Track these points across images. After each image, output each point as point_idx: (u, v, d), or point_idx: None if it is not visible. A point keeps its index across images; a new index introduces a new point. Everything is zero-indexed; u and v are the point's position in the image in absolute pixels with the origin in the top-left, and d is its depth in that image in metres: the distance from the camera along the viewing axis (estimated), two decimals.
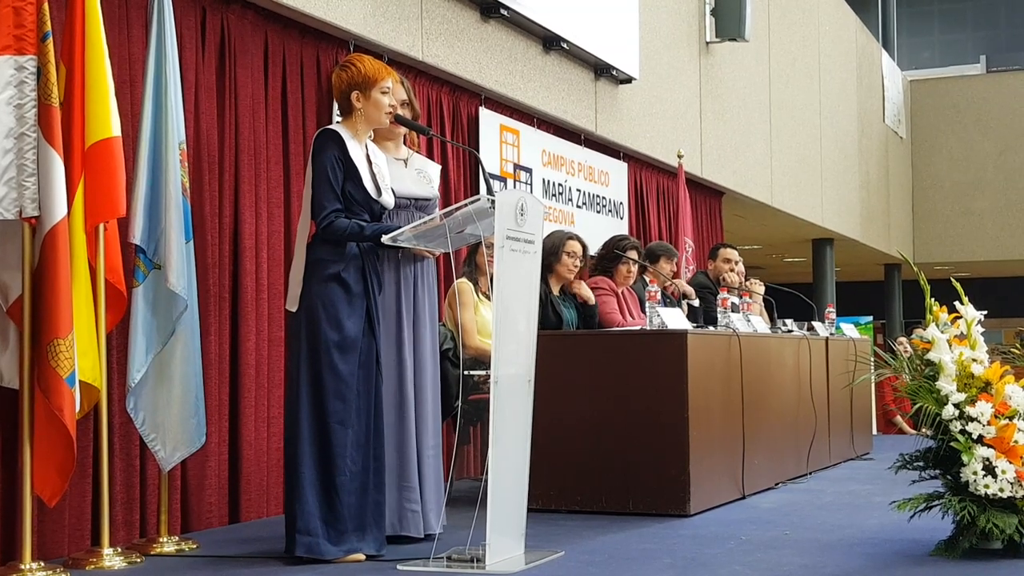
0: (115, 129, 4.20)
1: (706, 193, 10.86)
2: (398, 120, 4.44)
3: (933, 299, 4.52)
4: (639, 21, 8.75)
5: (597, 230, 8.28)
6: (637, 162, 9.34)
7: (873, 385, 9.91)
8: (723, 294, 6.06)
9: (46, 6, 3.98)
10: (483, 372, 5.72)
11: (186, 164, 4.53)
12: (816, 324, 7.57)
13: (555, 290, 6.11)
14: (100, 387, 4.18)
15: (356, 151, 4.29)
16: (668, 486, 5.12)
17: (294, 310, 4.25)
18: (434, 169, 4.90)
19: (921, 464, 4.30)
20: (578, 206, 8.22)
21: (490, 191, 4.10)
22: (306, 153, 5.63)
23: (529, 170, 7.60)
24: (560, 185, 8.00)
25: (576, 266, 6.16)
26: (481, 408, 5.84)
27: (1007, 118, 18.82)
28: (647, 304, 5.38)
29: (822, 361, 7.16)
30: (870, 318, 18.74)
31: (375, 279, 4.30)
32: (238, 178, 5.29)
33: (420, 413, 4.53)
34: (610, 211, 8.72)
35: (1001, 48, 21.72)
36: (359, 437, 4.19)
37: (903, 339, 11.04)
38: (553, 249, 6.03)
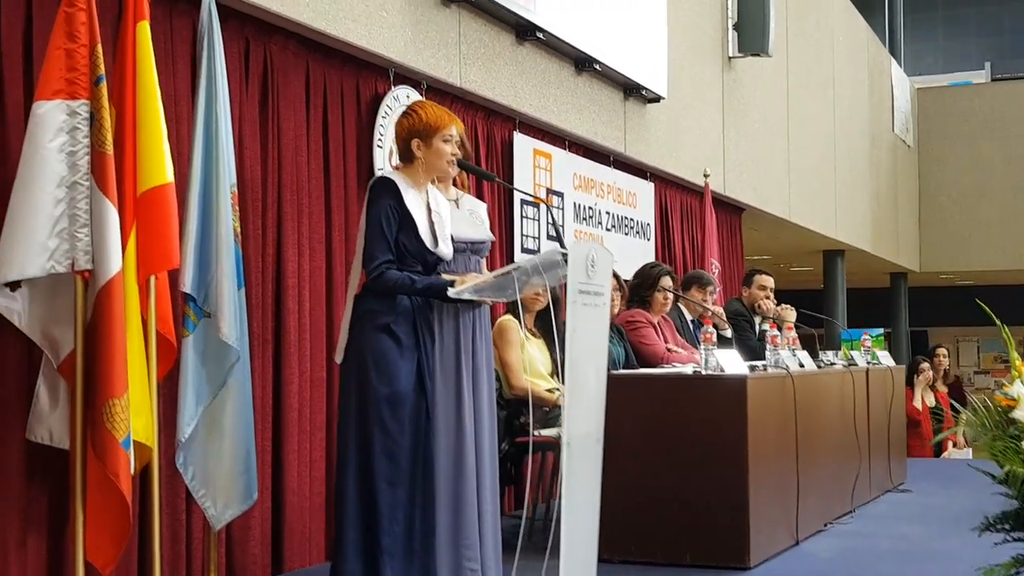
0: (168, 175, 4.01)
1: (727, 210, 10.70)
2: (461, 166, 4.26)
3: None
4: (667, 38, 8.58)
5: (626, 253, 8.12)
6: (663, 182, 9.18)
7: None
8: (772, 330, 5.89)
9: (99, 48, 3.79)
10: (530, 414, 5.57)
11: (237, 208, 4.35)
12: (854, 354, 7.41)
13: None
14: (153, 446, 4.00)
15: (413, 200, 4.10)
16: (726, 536, 4.96)
17: (340, 362, 4.08)
18: (483, 208, 4.73)
19: (1008, 527, 4.13)
20: (607, 229, 8.05)
21: (561, 244, 3.92)
22: (347, 186, 5.49)
23: (561, 194, 7.43)
24: (590, 208, 7.83)
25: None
26: (525, 450, 5.68)
27: (1014, 127, 18.68)
28: (702, 346, 5.22)
29: (864, 392, 7.00)
30: (881, 330, 18.61)
31: (427, 331, 4.12)
32: (281, 215, 5.11)
33: (479, 468, 4.34)
34: (637, 233, 8.55)
35: (1006, 54, 21.62)
36: (407, 498, 4.01)
37: (926, 365, 10.86)
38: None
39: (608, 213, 8.07)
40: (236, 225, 4.31)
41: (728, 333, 7.17)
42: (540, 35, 6.78)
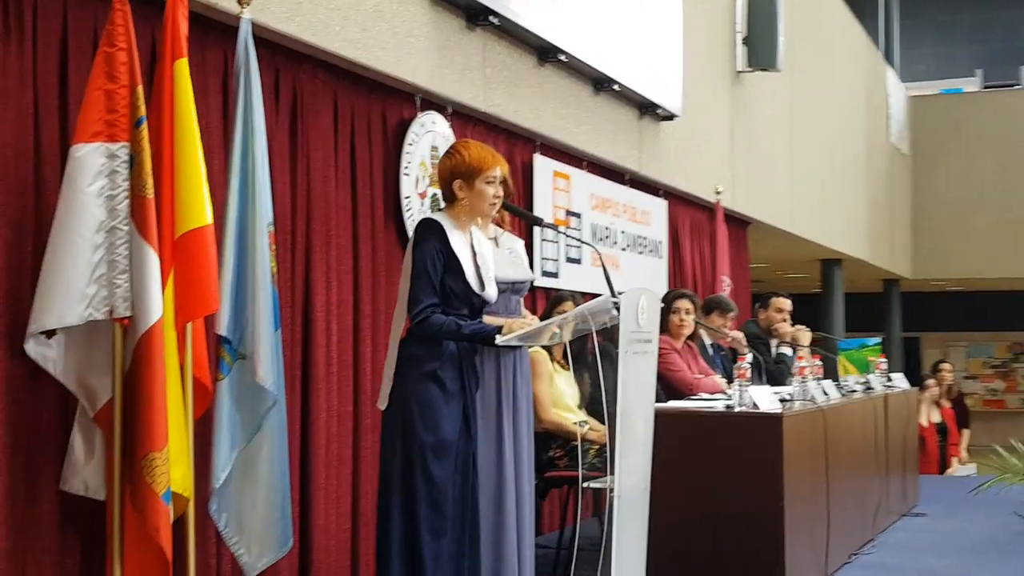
0: (208, 217, 3.88)
1: (734, 225, 10.62)
2: (507, 208, 4.16)
3: None
4: (683, 55, 8.49)
5: (640, 272, 8.05)
6: (675, 199, 9.09)
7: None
8: (800, 362, 5.81)
9: (140, 89, 3.67)
10: (559, 449, 5.48)
11: (274, 248, 4.23)
12: (871, 378, 7.34)
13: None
14: (190, 496, 3.88)
15: (459, 241, 4.00)
16: (761, 572, 4.87)
17: (384, 408, 3.97)
18: (521, 245, 4.64)
19: None
20: (623, 248, 7.96)
21: (613, 292, 3.83)
22: (374, 216, 5.39)
23: (579, 215, 7.34)
24: (607, 228, 7.74)
25: None
26: (551, 484, 5.59)
27: (1006, 135, 18.68)
28: (737, 382, 5.13)
29: (883, 418, 6.94)
30: (878, 339, 18.57)
31: (472, 376, 4.02)
32: (309, 248, 4.99)
33: (519, 511, 4.25)
34: (651, 251, 8.46)
35: (997, 62, 21.56)
36: (452, 548, 3.91)
37: (932, 382, 10.83)
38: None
39: (623, 232, 7.98)
40: (273, 265, 4.19)
41: (749, 356, 7.08)
42: (562, 57, 6.68)
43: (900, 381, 7.89)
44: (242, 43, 4.20)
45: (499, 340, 3.85)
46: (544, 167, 6.91)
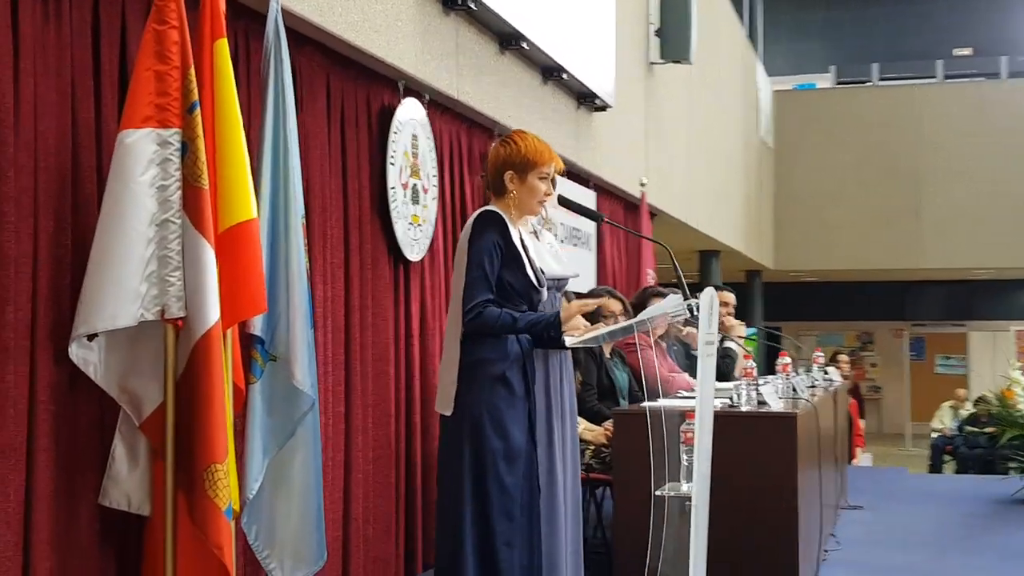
0: (254, 209, 3.61)
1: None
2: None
3: None
4: (615, 46, 8.43)
5: (576, 266, 7.94)
6: (601, 191, 9.03)
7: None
8: (783, 359, 5.80)
9: (192, 72, 3.40)
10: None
11: (307, 241, 3.97)
12: (814, 372, 7.41)
13: (607, 351, 5.76)
14: (238, 509, 3.62)
15: (516, 236, 3.83)
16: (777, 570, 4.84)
17: (449, 414, 3.78)
18: (554, 239, 4.49)
19: None
20: (562, 240, 7.85)
21: (686, 295, 3.70)
22: (361, 208, 5.17)
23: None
24: (550, 220, 7.60)
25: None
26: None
27: (861, 132, 19.27)
28: (743, 380, 5.08)
29: (834, 411, 7.02)
30: (755, 330, 18.96)
31: (533, 378, 3.87)
32: (310, 242, 4.72)
33: (567, 511, 4.11)
34: (584, 244, 8.39)
35: (854, 59, 22.22)
36: (524, 559, 3.75)
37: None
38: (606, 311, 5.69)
39: (563, 224, 7.88)
40: (307, 260, 3.94)
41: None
42: (524, 44, 6.53)
43: (834, 375, 8.00)
44: (272, 24, 3.94)
45: (570, 343, 3.70)
46: None
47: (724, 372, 7.33)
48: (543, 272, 3.96)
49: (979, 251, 19.00)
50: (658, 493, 3.52)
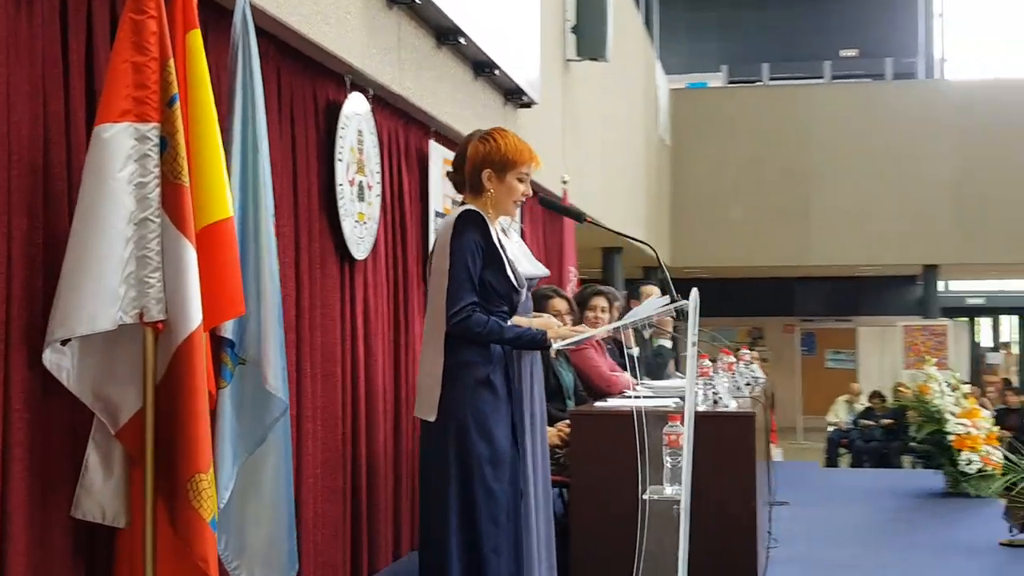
0: (230, 208, 3.48)
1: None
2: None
3: None
4: (539, 43, 8.39)
5: None
6: None
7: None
8: (726, 357, 5.82)
9: (172, 63, 3.25)
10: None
11: (276, 240, 3.84)
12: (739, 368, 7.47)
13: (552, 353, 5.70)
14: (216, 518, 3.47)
15: (494, 236, 3.76)
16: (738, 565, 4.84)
17: (433, 419, 3.68)
18: (520, 238, 4.44)
19: None
20: None
21: (672, 297, 3.67)
22: (310, 207, 5.05)
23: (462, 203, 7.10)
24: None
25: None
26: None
27: (754, 131, 19.58)
28: (701, 380, 5.07)
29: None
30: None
31: (515, 379, 3.80)
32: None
33: (539, 517, 4.05)
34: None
35: (745, 59, 22.57)
36: (511, 565, 3.68)
37: None
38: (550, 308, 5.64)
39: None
40: (277, 260, 3.81)
41: (635, 351, 7.07)
42: (462, 39, 6.45)
43: (758, 371, 8.08)
44: (239, 16, 3.81)
45: (557, 346, 3.65)
46: (437, 154, 6.65)
47: (654, 371, 7.37)
48: (519, 272, 3.90)
49: (865, 248, 19.44)
50: (644, 497, 3.48)
